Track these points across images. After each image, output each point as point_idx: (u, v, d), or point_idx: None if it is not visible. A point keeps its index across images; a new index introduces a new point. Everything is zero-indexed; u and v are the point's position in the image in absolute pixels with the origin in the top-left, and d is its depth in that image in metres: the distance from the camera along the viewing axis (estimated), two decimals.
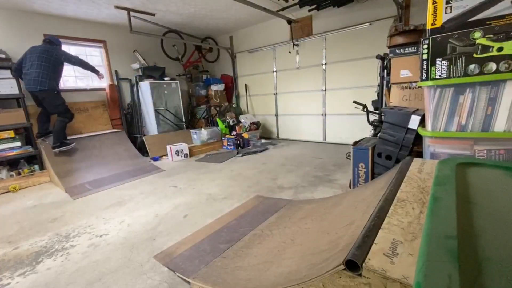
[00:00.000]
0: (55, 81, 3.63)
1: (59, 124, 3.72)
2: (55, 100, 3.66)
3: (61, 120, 3.73)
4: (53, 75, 3.58)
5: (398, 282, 0.68)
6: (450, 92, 1.62)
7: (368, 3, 4.27)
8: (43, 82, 3.48)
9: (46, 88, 3.51)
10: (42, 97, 3.62)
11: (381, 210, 1.05)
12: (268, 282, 1.20)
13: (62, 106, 3.73)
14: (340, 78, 4.98)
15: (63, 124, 3.75)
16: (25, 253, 1.98)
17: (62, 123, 3.74)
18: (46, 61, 3.50)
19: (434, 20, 1.61)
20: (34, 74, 3.44)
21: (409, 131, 2.19)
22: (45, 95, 3.58)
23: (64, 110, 3.76)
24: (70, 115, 3.87)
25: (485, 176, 1.25)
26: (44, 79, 3.48)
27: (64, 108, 3.76)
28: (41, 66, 3.46)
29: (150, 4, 4.23)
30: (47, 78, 3.50)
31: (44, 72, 3.47)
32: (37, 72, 3.45)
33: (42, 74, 3.46)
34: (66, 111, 3.80)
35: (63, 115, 3.75)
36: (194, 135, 5.39)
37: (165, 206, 2.67)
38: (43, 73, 3.47)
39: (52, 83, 3.58)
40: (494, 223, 0.85)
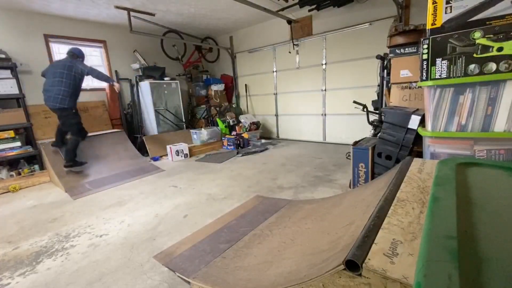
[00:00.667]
0: (75, 98, 3.57)
1: (72, 143, 3.63)
2: (71, 119, 3.57)
3: (75, 139, 3.63)
4: (74, 92, 3.52)
5: (398, 282, 0.68)
6: (450, 92, 1.62)
7: (368, 3, 4.27)
8: (63, 100, 3.40)
9: (65, 106, 3.43)
10: (59, 114, 3.54)
11: (381, 210, 1.05)
12: (268, 282, 1.20)
13: (76, 125, 3.63)
14: (340, 78, 4.98)
15: (75, 143, 3.65)
16: (25, 253, 1.98)
17: (75, 142, 3.64)
18: (67, 77, 3.42)
19: (434, 20, 1.61)
20: (55, 91, 3.36)
21: (409, 131, 2.19)
22: (63, 113, 3.50)
23: (77, 130, 3.65)
24: (83, 134, 3.77)
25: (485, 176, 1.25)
26: (65, 97, 3.40)
27: (78, 128, 3.66)
28: (62, 83, 3.39)
29: (150, 4, 4.23)
30: (67, 96, 3.42)
31: (65, 89, 3.40)
32: (58, 89, 3.36)
33: (63, 91, 3.39)
34: (80, 130, 3.69)
35: (77, 134, 3.65)
36: (194, 135, 5.39)
37: (165, 206, 2.67)
38: (64, 91, 3.40)
39: (72, 101, 3.51)
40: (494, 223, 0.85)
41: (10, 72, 3.74)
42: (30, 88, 4.19)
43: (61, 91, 3.39)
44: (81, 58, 3.72)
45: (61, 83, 3.40)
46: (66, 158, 3.63)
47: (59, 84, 3.39)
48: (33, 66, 4.26)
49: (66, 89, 3.42)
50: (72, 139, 3.65)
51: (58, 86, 3.38)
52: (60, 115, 3.57)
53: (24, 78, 4.12)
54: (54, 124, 4.44)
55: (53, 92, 3.38)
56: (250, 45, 6.17)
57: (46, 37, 4.40)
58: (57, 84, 3.38)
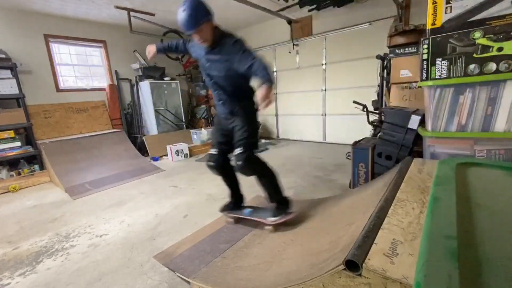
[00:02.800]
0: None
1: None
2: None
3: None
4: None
5: (398, 282, 0.68)
6: (450, 92, 1.62)
7: (368, 3, 4.26)
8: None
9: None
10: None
11: (381, 210, 1.05)
12: (268, 282, 1.20)
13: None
14: (340, 78, 4.97)
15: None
16: (25, 253, 1.98)
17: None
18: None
19: (434, 20, 1.61)
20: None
21: (409, 131, 2.19)
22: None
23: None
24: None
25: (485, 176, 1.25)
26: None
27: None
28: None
29: (150, 4, 4.23)
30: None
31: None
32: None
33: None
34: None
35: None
36: (194, 135, 5.39)
37: (165, 206, 2.67)
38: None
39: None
40: (494, 223, 0.85)
41: (10, 72, 3.74)
42: (30, 88, 4.19)
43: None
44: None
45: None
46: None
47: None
48: (33, 66, 4.26)
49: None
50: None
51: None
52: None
53: (24, 78, 4.12)
54: (54, 124, 4.45)
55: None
56: (250, 45, 6.16)
57: (46, 37, 4.40)
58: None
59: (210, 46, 1.77)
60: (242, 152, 1.79)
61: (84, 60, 5.07)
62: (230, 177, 2.14)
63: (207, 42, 1.74)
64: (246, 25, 5.90)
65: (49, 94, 4.47)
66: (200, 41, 1.72)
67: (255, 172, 1.90)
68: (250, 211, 2.11)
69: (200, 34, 1.68)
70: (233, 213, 2.14)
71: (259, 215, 2.02)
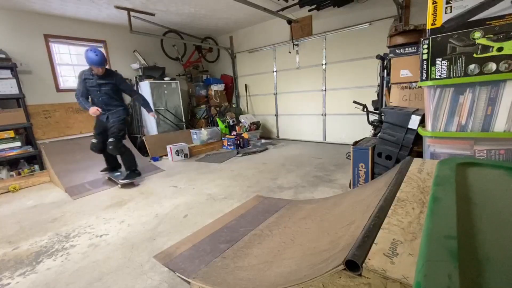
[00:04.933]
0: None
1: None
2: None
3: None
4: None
5: (398, 282, 0.68)
6: (450, 92, 1.62)
7: (368, 3, 4.27)
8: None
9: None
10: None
11: (381, 210, 1.05)
12: (268, 282, 1.20)
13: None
14: (340, 78, 4.98)
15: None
16: (25, 253, 1.98)
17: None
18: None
19: (434, 20, 1.61)
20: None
21: (409, 131, 2.19)
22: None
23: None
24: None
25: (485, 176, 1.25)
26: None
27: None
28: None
29: (150, 4, 4.23)
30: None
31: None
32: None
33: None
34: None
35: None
36: (194, 135, 5.39)
37: (165, 206, 2.67)
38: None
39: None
40: (494, 223, 0.85)
41: (10, 72, 3.74)
42: (30, 88, 4.20)
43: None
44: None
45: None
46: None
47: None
48: (33, 66, 4.26)
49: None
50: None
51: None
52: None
53: (24, 78, 4.12)
54: (54, 124, 4.45)
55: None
56: (250, 45, 6.17)
57: (46, 37, 4.40)
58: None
59: (101, 76, 3.17)
60: (112, 141, 3.22)
61: (84, 60, 5.06)
62: (107, 156, 3.55)
63: (102, 72, 3.15)
64: (246, 25, 5.90)
65: (49, 94, 4.47)
66: (98, 72, 3.12)
67: (117, 153, 3.38)
68: (117, 175, 3.51)
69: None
70: (109, 175, 3.57)
71: (116, 177, 3.43)
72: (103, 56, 3.04)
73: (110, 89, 3.20)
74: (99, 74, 3.10)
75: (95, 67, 3.02)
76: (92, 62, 2.98)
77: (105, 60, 3.08)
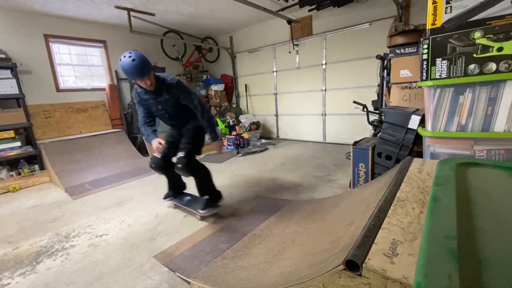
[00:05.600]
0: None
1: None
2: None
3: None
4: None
5: (398, 282, 0.68)
6: (450, 92, 1.62)
7: (368, 3, 4.26)
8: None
9: None
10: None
11: (381, 210, 1.05)
12: (268, 282, 1.20)
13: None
14: (340, 78, 4.97)
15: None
16: (25, 253, 1.98)
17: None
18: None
19: (434, 20, 1.61)
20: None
21: (409, 131, 2.19)
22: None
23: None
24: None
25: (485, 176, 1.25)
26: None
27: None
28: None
29: (150, 4, 4.23)
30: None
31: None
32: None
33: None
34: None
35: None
36: None
37: (165, 206, 2.67)
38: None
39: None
40: (494, 223, 0.85)
41: (10, 72, 3.74)
42: (30, 88, 4.19)
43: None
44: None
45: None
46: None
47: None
48: (33, 66, 4.26)
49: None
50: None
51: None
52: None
53: (24, 78, 4.12)
54: (54, 124, 4.45)
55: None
56: (250, 45, 6.17)
57: (46, 37, 4.40)
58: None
59: (154, 91, 2.19)
60: (183, 157, 2.18)
61: (84, 60, 5.07)
62: (172, 177, 2.57)
63: (152, 87, 2.13)
64: (246, 25, 5.90)
65: (49, 94, 4.47)
66: (147, 87, 2.11)
67: (190, 175, 2.28)
68: (188, 200, 2.54)
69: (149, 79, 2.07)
70: (174, 201, 2.58)
71: (193, 206, 2.40)
72: (142, 61, 1.96)
73: (174, 106, 2.25)
74: (149, 89, 2.14)
75: (136, 80, 2.07)
76: (127, 73, 2.00)
77: (147, 67, 2.00)
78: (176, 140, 2.44)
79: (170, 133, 2.56)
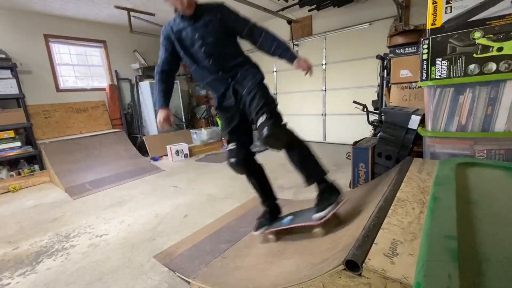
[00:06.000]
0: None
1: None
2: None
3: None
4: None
5: (398, 282, 0.68)
6: (450, 92, 1.62)
7: (368, 3, 4.26)
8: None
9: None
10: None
11: (381, 210, 1.05)
12: (268, 282, 1.20)
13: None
14: (340, 78, 4.97)
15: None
16: (25, 253, 1.98)
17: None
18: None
19: (434, 20, 1.61)
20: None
21: (409, 131, 2.19)
22: None
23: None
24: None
25: (485, 176, 1.25)
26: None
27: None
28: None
29: (150, 4, 4.23)
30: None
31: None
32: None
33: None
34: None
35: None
36: (194, 135, 5.39)
37: (165, 206, 2.67)
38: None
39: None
40: (494, 223, 0.85)
41: (10, 72, 3.74)
42: (30, 88, 4.19)
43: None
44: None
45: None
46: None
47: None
48: (33, 66, 4.26)
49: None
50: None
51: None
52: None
53: (24, 78, 4.12)
54: (54, 124, 4.45)
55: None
56: (250, 45, 6.16)
57: (46, 37, 4.40)
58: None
59: (193, 14, 1.61)
60: (267, 119, 1.51)
61: (84, 60, 5.07)
62: (256, 176, 1.82)
63: (191, 6, 1.57)
64: None
65: (49, 94, 4.47)
66: (182, 6, 1.55)
67: (285, 143, 1.59)
68: (291, 219, 1.70)
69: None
70: (272, 228, 1.68)
71: (302, 218, 1.60)
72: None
73: (218, 34, 1.68)
74: (187, 14, 1.62)
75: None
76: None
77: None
78: (243, 121, 1.78)
79: (231, 111, 1.77)
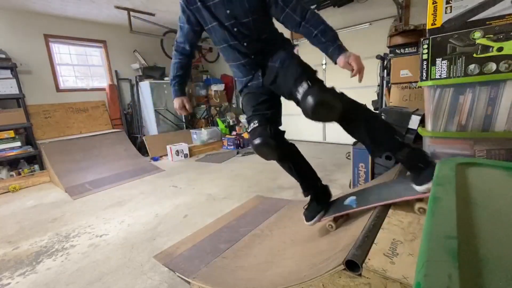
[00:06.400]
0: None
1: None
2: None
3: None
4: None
5: (398, 282, 0.68)
6: (450, 92, 1.62)
7: (368, 3, 4.26)
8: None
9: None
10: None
11: (381, 210, 1.05)
12: (268, 282, 1.20)
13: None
14: (340, 78, 4.95)
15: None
16: (25, 253, 1.98)
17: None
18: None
19: (434, 20, 1.61)
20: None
21: (409, 131, 2.19)
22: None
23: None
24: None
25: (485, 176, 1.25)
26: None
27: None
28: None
29: (150, 4, 4.23)
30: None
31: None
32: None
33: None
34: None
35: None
36: (194, 135, 5.39)
37: (165, 206, 2.67)
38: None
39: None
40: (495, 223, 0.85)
41: (10, 72, 3.74)
42: (30, 88, 4.20)
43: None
44: None
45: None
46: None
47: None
48: (33, 66, 4.26)
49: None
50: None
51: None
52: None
53: (24, 78, 4.12)
54: (54, 124, 4.45)
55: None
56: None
57: (46, 37, 4.40)
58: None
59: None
60: (310, 86, 1.22)
61: (84, 60, 5.07)
62: (291, 159, 1.52)
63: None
64: None
65: (49, 94, 4.47)
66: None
67: (339, 111, 1.23)
68: (353, 200, 1.38)
69: None
70: (330, 214, 1.43)
71: (389, 193, 1.21)
72: None
73: (250, 8, 1.35)
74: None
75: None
76: None
77: None
78: (272, 98, 1.51)
79: (258, 91, 1.51)
